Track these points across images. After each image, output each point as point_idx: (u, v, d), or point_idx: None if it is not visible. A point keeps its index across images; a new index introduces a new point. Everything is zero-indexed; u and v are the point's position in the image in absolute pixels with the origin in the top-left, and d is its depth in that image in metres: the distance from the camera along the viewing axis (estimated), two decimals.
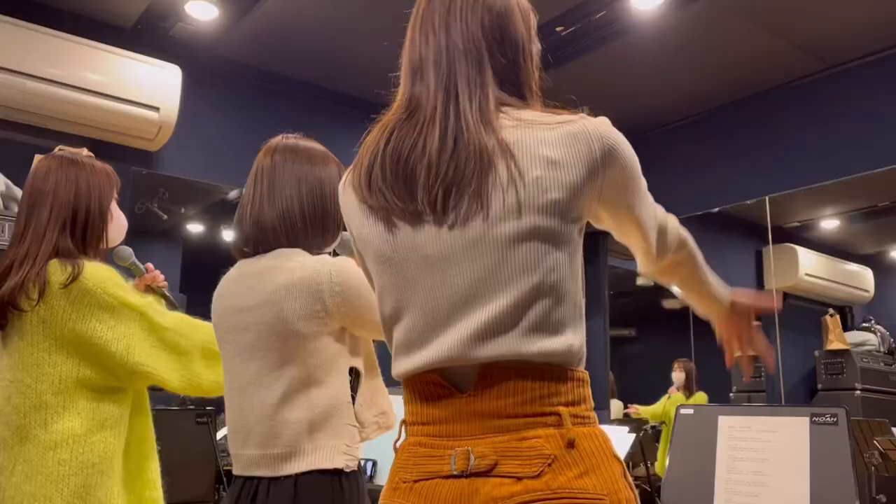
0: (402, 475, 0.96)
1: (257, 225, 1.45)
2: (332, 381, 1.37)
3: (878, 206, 4.12)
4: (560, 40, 3.60)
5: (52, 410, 1.49)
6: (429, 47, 1.00)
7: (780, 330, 4.12)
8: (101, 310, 1.52)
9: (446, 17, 1.01)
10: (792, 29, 3.57)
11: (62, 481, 1.46)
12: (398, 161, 0.95)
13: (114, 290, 1.55)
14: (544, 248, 0.91)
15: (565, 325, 0.92)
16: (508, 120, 0.95)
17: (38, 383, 1.50)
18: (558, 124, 0.94)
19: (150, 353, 1.56)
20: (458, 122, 0.94)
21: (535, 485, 0.86)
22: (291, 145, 1.51)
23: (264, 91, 4.14)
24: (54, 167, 1.62)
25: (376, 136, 0.99)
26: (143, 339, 1.56)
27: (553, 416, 0.90)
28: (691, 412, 1.86)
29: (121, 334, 1.53)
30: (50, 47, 3.22)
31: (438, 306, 0.94)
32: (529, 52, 1.03)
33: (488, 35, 1.00)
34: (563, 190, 0.91)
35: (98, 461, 1.50)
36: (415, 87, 1.00)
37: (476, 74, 0.97)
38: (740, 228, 4.51)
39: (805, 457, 1.62)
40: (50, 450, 1.47)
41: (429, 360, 0.94)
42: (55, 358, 1.51)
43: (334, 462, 1.34)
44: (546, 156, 0.91)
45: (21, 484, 1.45)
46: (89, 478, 1.48)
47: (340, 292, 1.36)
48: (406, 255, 0.96)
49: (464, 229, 0.92)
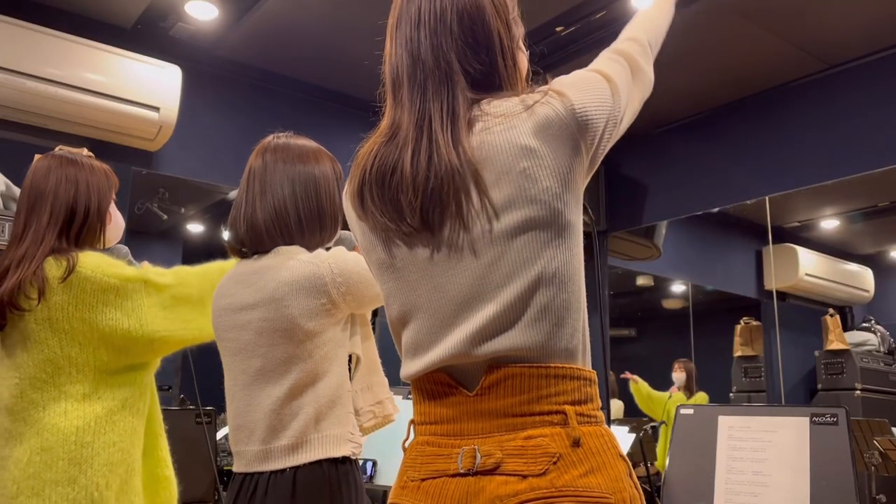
0: (411, 474, 0.97)
1: (251, 227, 1.45)
2: (336, 370, 1.39)
3: (878, 206, 4.12)
4: (560, 40, 3.60)
5: (72, 400, 1.51)
6: (403, 62, 1.01)
7: (780, 330, 4.12)
8: (104, 292, 1.53)
9: (416, 26, 1.00)
10: (792, 29, 3.57)
11: (85, 462, 1.48)
12: (382, 183, 0.97)
13: (111, 270, 1.55)
14: (543, 237, 0.91)
15: (569, 313, 0.92)
16: (484, 120, 0.95)
17: (55, 377, 1.51)
18: (528, 111, 0.93)
19: (163, 317, 1.57)
20: (430, 144, 0.94)
21: (540, 483, 0.87)
22: (282, 144, 1.51)
23: (264, 91, 4.14)
24: (54, 166, 1.62)
25: (365, 153, 1.00)
26: (151, 305, 1.57)
27: (559, 415, 0.90)
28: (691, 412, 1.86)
29: (129, 309, 1.54)
30: (50, 47, 3.23)
31: (443, 307, 0.94)
32: (508, 48, 1.02)
33: (458, 41, 0.98)
34: (552, 177, 0.92)
35: (119, 439, 1.53)
36: (395, 108, 1.01)
37: (446, 91, 0.97)
38: (740, 228, 4.51)
39: (805, 457, 1.62)
40: (72, 434, 1.49)
41: (435, 360, 0.94)
42: (68, 351, 1.51)
43: (341, 450, 1.36)
44: (526, 146, 0.92)
45: (40, 473, 1.46)
46: (111, 455, 1.51)
47: (343, 282, 1.38)
48: (407, 262, 0.97)
49: (460, 234, 0.93)
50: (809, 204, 4.24)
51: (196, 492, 2.66)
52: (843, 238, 4.48)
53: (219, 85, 4.01)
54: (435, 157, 0.93)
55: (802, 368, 4.17)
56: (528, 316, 0.91)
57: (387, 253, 0.99)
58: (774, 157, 4.10)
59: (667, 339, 5.18)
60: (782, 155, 4.06)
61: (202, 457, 2.73)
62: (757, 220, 4.22)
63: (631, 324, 5.26)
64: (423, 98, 0.97)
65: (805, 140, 3.97)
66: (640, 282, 5.23)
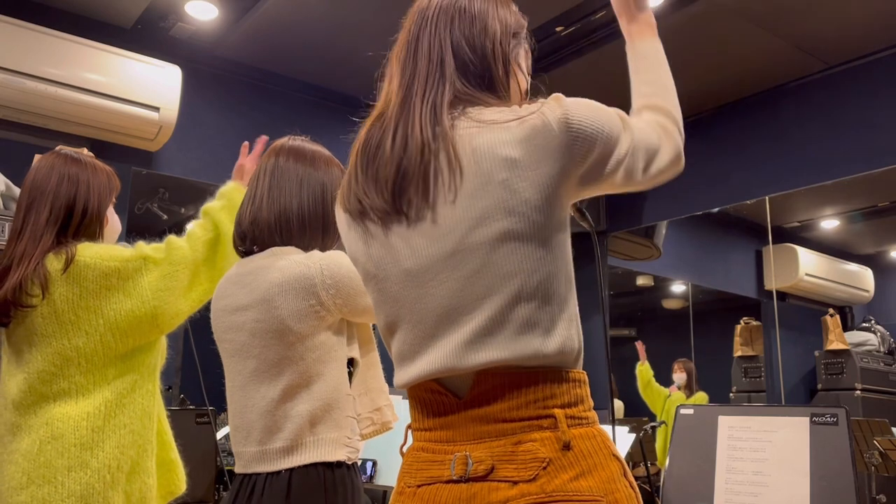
0: (407, 480, 0.97)
1: (254, 223, 1.45)
2: (332, 372, 1.38)
3: (878, 206, 4.12)
4: (560, 40, 3.60)
5: (82, 388, 1.52)
6: (402, 50, 1.03)
7: (780, 330, 4.12)
8: (106, 277, 1.54)
9: (420, 23, 1.03)
10: (792, 29, 3.57)
11: (97, 446, 1.49)
12: (366, 160, 0.99)
13: (108, 254, 1.56)
14: (523, 250, 0.90)
15: (554, 326, 0.91)
16: (469, 123, 0.94)
17: (65, 369, 1.52)
18: (518, 121, 0.92)
19: (163, 287, 1.58)
20: (409, 119, 0.96)
21: (531, 488, 0.87)
22: (296, 147, 1.52)
23: (264, 91, 4.14)
24: (57, 164, 1.62)
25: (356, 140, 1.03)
26: (151, 280, 1.58)
27: (548, 419, 0.90)
28: (691, 412, 1.86)
29: (130, 289, 1.55)
30: (50, 47, 3.22)
31: (424, 319, 0.94)
32: (503, 52, 1.02)
33: (457, 34, 1.00)
34: (533, 189, 0.90)
35: (129, 421, 1.55)
36: (388, 92, 1.03)
37: (436, 71, 0.98)
38: (740, 228, 4.51)
39: (805, 457, 1.62)
40: (83, 420, 1.50)
41: (421, 373, 0.95)
42: (76, 342, 1.52)
43: (336, 455, 1.35)
44: (508, 156, 0.90)
45: (51, 461, 1.47)
46: (122, 438, 1.53)
47: (333, 284, 1.36)
48: (388, 271, 0.97)
49: (437, 240, 0.93)
50: (809, 204, 4.24)
51: (196, 492, 2.66)
52: (843, 238, 4.48)
53: (219, 85, 4.01)
54: (409, 132, 0.95)
55: (802, 368, 4.17)
56: (510, 329, 0.90)
57: (368, 258, 0.99)
58: (774, 157, 4.10)
59: (667, 339, 5.18)
60: (782, 155, 4.06)
61: (202, 457, 2.73)
62: (757, 220, 4.22)
63: (631, 324, 5.26)
64: (412, 82, 0.99)
65: (805, 140, 3.97)
66: (640, 282, 5.23)
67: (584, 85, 3.90)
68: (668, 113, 1.07)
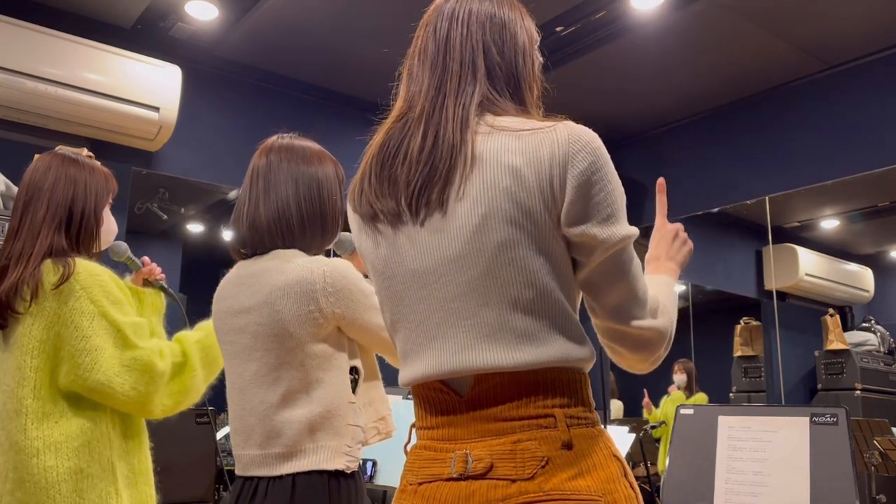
0: (409, 478, 0.98)
1: (253, 226, 1.44)
2: (333, 380, 1.37)
3: (878, 206, 4.12)
4: (560, 40, 3.60)
5: (31, 416, 1.46)
6: (427, 51, 1.02)
7: (780, 330, 4.12)
8: (80, 315, 1.49)
9: (448, 20, 1.02)
10: (792, 29, 3.57)
11: (52, 488, 1.42)
12: (383, 163, 0.98)
13: (98, 297, 1.51)
14: (525, 257, 0.90)
15: (554, 335, 0.91)
16: (484, 127, 0.94)
17: (20, 388, 1.47)
18: (532, 131, 0.92)
19: (117, 372, 1.48)
20: (442, 119, 0.95)
21: (529, 486, 0.87)
22: (287, 145, 1.51)
23: (264, 91, 4.15)
24: (55, 164, 1.61)
25: (375, 140, 1.02)
26: (112, 356, 1.49)
27: (548, 419, 0.90)
28: (691, 412, 1.86)
29: (91, 346, 1.48)
30: (50, 47, 3.22)
31: (427, 319, 0.95)
32: (530, 56, 1.03)
33: (488, 38, 1.00)
34: (533, 198, 0.90)
35: (86, 466, 1.46)
36: (410, 89, 1.01)
37: (468, 73, 0.98)
38: (740, 228, 4.51)
39: (805, 457, 1.62)
40: (33, 457, 1.43)
41: (423, 373, 0.95)
42: (36, 362, 1.48)
43: (335, 463, 1.34)
44: (512, 164, 0.90)
45: (13, 490, 1.43)
46: (79, 483, 1.44)
47: (334, 293, 1.36)
48: (395, 269, 0.97)
49: (443, 243, 0.93)
50: (809, 204, 4.24)
51: (196, 492, 2.66)
52: (843, 238, 4.48)
53: (219, 85, 4.01)
54: (440, 132, 0.94)
55: (802, 368, 4.17)
56: (509, 337, 0.90)
57: (377, 256, 1.00)
58: (774, 157, 4.10)
59: None
60: (782, 155, 4.07)
61: (202, 457, 2.73)
62: (757, 220, 4.22)
63: None
64: (443, 82, 0.98)
65: (805, 140, 3.97)
66: None
67: (584, 85, 3.91)
68: (667, 312, 1.02)
